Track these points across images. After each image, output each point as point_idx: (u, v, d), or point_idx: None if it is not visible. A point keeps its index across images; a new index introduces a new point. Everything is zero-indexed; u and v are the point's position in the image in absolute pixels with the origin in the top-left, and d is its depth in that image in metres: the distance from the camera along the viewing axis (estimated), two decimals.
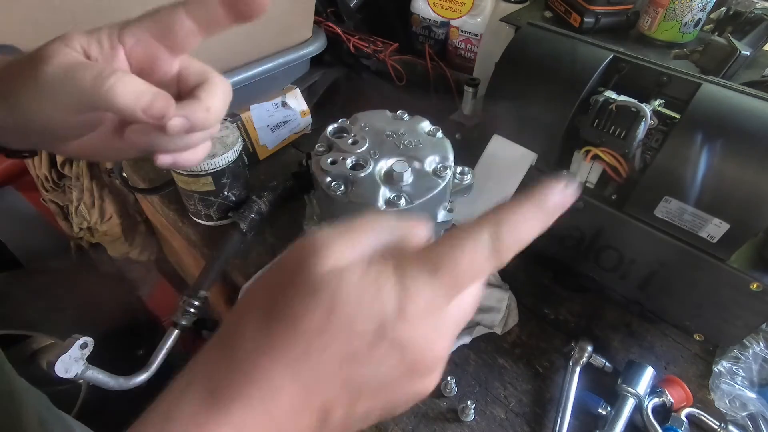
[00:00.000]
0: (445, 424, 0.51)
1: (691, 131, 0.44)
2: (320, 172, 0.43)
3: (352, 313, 0.21)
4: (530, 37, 0.54)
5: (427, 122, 0.48)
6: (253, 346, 0.21)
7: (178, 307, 0.57)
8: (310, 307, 0.21)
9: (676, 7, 0.64)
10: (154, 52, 0.30)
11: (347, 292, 0.21)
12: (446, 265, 0.21)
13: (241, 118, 0.76)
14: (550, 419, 0.52)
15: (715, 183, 0.43)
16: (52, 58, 0.27)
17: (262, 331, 0.21)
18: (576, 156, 0.53)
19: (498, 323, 0.59)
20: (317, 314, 0.21)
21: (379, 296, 0.21)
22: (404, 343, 0.21)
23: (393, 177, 0.41)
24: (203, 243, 0.69)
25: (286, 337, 0.21)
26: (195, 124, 0.29)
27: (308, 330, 0.21)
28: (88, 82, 0.26)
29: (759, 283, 0.46)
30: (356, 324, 0.21)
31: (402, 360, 0.22)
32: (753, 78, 0.59)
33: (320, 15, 0.92)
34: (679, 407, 0.52)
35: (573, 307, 0.63)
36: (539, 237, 0.22)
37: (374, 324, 0.21)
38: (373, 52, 0.88)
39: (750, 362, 0.54)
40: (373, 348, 0.21)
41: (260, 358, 0.21)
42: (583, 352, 0.55)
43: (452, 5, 0.88)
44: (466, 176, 0.46)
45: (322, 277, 0.21)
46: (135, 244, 1.15)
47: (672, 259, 0.50)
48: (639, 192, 0.49)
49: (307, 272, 0.22)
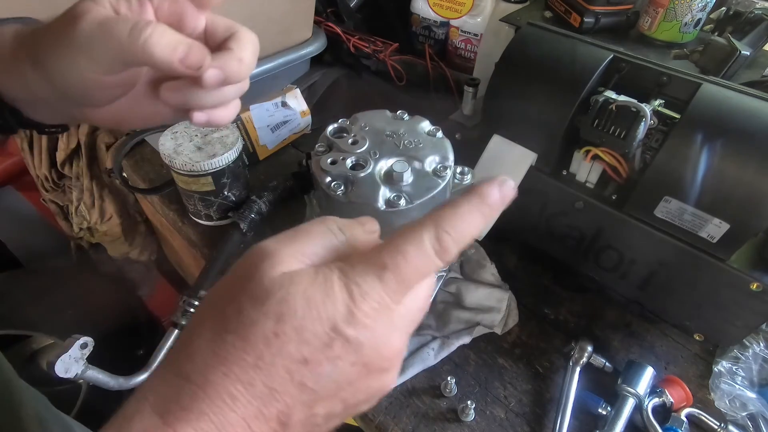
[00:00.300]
0: (445, 424, 0.51)
1: (691, 131, 0.44)
2: (320, 172, 0.43)
3: (301, 319, 0.21)
4: (530, 37, 0.54)
5: (427, 122, 0.48)
6: (205, 361, 0.21)
7: (178, 307, 0.57)
8: (260, 315, 0.21)
9: (676, 7, 0.64)
10: (181, 7, 0.30)
11: (295, 299, 0.21)
12: (391, 266, 0.22)
13: (241, 118, 0.76)
14: (550, 419, 0.52)
15: (715, 183, 0.43)
16: (86, 14, 0.27)
17: (215, 343, 0.21)
18: (576, 156, 0.53)
19: (498, 323, 0.59)
20: (267, 323, 0.21)
21: (327, 301, 0.21)
22: (357, 343, 0.22)
23: (393, 177, 0.41)
24: (203, 243, 0.69)
25: (237, 349, 0.21)
26: (229, 75, 0.29)
27: (259, 339, 0.21)
28: (125, 34, 0.26)
29: (759, 283, 0.46)
30: (306, 329, 0.21)
31: (357, 360, 0.22)
32: (753, 78, 0.59)
33: (320, 15, 0.92)
34: (679, 407, 0.52)
35: (573, 307, 0.63)
36: (539, 237, 0.22)
37: (325, 327, 0.21)
38: (373, 52, 0.88)
39: (750, 362, 0.54)
40: (327, 350, 0.21)
41: (212, 373, 0.21)
42: (583, 352, 0.55)
43: (452, 5, 0.88)
44: (466, 176, 0.46)
45: (271, 285, 0.22)
46: (135, 244, 1.15)
47: (672, 259, 0.50)
48: (639, 192, 0.49)
49: (256, 281, 0.22)
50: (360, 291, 0.22)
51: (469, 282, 0.63)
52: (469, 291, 0.61)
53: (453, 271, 0.64)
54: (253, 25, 0.30)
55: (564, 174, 0.55)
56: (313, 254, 0.24)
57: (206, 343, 0.22)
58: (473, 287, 0.62)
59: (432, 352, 0.57)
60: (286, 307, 0.21)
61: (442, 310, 0.61)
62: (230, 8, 0.70)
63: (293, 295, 0.21)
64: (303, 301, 0.21)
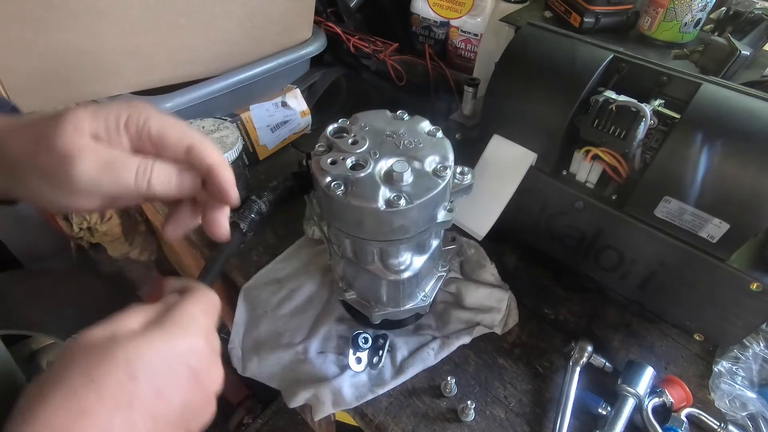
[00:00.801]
0: (445, 424, 0.51)
1: (691, 131, 0.44)
2: (320, 172, 0.43)
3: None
4: (530, 37, 0.54)
5: (427, 122, 0.48)
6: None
7: None
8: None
9: (676, 7, 0.64)
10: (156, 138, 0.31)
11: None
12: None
13: (241, 118, 0.76)
14: (550, 419, 0.52)
15: (715, 183, 0.43)
16: (81, 157, 0.27)
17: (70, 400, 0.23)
18: (576, 156, 0.53)
19: (498, 323, 0.59)
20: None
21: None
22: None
23: (393, 177, 0.41)
24: (203, 243, 0.69)
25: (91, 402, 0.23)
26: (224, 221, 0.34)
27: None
28: (131, 181, 0.28)
29: (759, 283, 0.46)
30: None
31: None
32: (753, 78, 0.59)
33: (320, 15, 0.92)
34: (679, 407, 0.52)
35: (573, 307, 0.63)
36: (539, 237, 0.22)
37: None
38: (373, 52, 0.88)
39: (750, 362, 0.54)
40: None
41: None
42: (583, 352, 0.55)
43: (452, 5, 0.88)
44: (466, 176, 0.46)
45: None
46: (135, 244, 1.15)
47: (672, 259, 0.50)
48: (639, 192, 0.49)
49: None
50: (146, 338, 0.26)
51: (469, 282, 0.63)
52: (469, 291, 0.61)
53: (453, 271, 0.64)
54: (253, 25, 0.30)
55: (564, 174, 0.55)
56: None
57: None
58: (473, 287, 0.62)
59: (432, 352, 0.57)
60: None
61: (442, 310, 0.61)
62: (230, 8, 0.70)
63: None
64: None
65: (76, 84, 0.67)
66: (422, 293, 0.56)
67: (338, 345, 0.58)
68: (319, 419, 0.53)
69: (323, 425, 0.73)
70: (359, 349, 0.56)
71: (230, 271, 0.67)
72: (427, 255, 0.50)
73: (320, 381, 0.54)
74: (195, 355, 0.27)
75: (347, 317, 0.61)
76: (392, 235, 0.43)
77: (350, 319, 0.60)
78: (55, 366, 0.24)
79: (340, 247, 0.51)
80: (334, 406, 0.52)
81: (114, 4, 0.62)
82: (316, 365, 0.56)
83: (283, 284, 0.64)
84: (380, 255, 0.48)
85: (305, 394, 0.53)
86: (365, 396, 0.53)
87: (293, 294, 0.63)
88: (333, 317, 0.60)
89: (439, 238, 0.53)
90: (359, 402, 0.53)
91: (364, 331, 0.57)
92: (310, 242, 0.69)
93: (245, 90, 0.78)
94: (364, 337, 0.56)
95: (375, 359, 0.56)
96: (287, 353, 0.57)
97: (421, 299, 0.55)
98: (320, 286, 0.64)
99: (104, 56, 0.66)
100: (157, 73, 0.72)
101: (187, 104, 0.72)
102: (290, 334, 0.59)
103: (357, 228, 0.44)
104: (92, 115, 0.28)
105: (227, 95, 0.76)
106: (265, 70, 0.79)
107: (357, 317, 0.60)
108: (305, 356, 0.57)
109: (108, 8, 0.62)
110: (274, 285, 0.64)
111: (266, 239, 0.69)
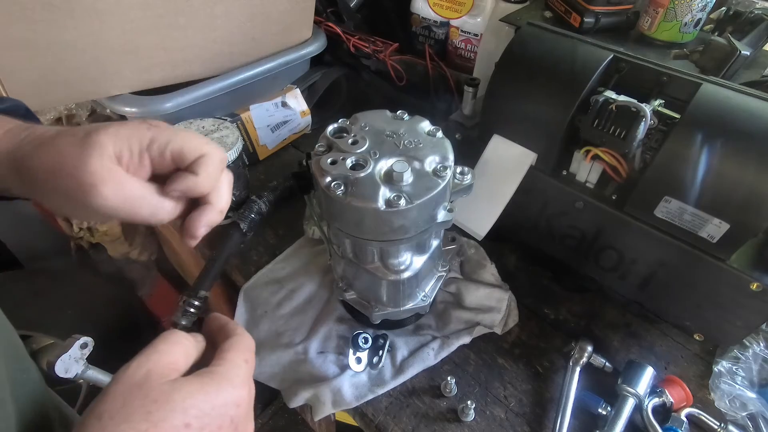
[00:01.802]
0: (445, 424, 0.51)
1: (691, 131, 0.43)
2: (320, 172, 0.43)
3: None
4: (530, 37, 0.54)
5: (427, 122, 0.48)
6: None
7: (178, 307, 0.57)
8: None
9: (676, 7, 0.64)
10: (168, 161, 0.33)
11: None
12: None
13: (241, 118, 0.76)
14: (550, 419, 0.52)
15: (715, 183, 0.43)
16: (102, 189, 0.28)
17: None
18: (576, 156, 0.53)
19: (498, 323, 0.59)
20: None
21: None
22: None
23: (393, 177, 0.41)
24: (203, 243, 0.69)
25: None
26: (215, 223, 0.34)
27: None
28: (147, 216, 0.30)
29: (759, 283, 0.45)
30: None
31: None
32: (753, 78, 0.59)
33: (320, 15, 0.92)
34: (679, 407, 0.52)
35: (573, 307, 0.63)
36: (539, 237, 0.22)
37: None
38: (373, 52, 0.88)
39: (750, 362, 0.54)
40: None
41: None
42: (583, 352, 0.55)
43: (452, 5, 0.88)
44: (466, 176, 0.46)
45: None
46: (135, 244, 1.15)
47: (672, 259, 0.50)
48: (639, 192, 0.49)
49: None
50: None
51: (469, 282, 0.63)
52: (469, 291, 0.61)
53: (453, 271, 0.64)
54: (253, 25, 0.30)
55: (564, 174, 0.55)
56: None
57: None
58: (473, 287, 0.62)
59: (432, 352, 0.57)
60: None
61: (442, 310, 0.61)
62: (230, 8, 0.70)
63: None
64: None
65: (76, 84, 0.67)
66: (422, 293, 0.56)
67: (338, 345, 0.58)
68: (319, 419, 0.53)
69: (323, 425, 0.73)
70: (359, 349, 0.56)
71: (230, 271, 0.67)
72: (427, 255, 0.51)
73: (320, 381, 0.54)
74: (237, 407, 0.28)
75: (347, 317, 0.61)
76: (392, 235, 0.43)
77: (350, 319, 0.60)
78: (111, 398, 0.25)
79: (340, 247, 0.51)
80: (334, 406, 0.53)
81: (114, 4, 0.62)
82: (316, 365, 0.56)
83: (283, 284, 0.64)
84: (380, 255, 0.48)
85: (305, 394, 0.53)
86: (365, 396, 0.53)
87: (293, 294, 0.63)
88: (333, 317, 0.60)
89: (439, 238, 0.53)
90: (359, 402, 0.53)
91: (364, 331, 0.57)
92: (310, 242, 0.69)
93: (245, 90, 0.78)
94: (364, 337, 0.56)
95: (375, 359, 0.56)
96: (287, 353, 0.57)
97: (421, 299, 0.55)
98: (320, 286, 0.64)
99: (104, 56, 0.66)
100: (157, 73, 0.72)
101: (187, 104, 0.72)
102: (290, 334, 0.60)
103: (357, 228, 0.44)
104: (115, 137, 0.29)
105: (227, 95, 0.76)
106: (265, 70, 0.79)
107: (357, 317, 0.60)
108: (305, 356, 0.57)
109: (108, 8, 0.62)
110: (274, 285, 0.64)
111: (266, 239, 0.69)
